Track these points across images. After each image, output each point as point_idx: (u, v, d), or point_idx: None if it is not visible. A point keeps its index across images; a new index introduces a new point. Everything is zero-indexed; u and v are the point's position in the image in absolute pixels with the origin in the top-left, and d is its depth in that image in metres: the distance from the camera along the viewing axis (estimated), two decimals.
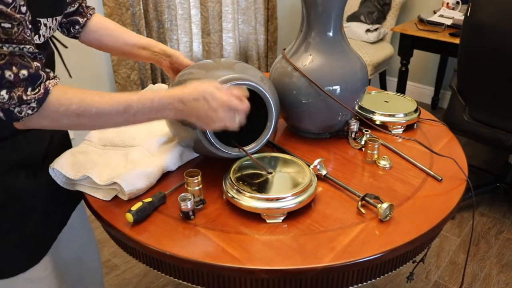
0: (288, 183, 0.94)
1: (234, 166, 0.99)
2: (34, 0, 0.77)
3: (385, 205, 0.89)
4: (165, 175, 1.03)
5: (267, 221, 0.90)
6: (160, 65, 1.14)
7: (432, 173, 1.05)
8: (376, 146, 1.09)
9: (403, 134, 1.25)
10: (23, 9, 0.71)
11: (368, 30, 3.00)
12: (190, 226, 0.89)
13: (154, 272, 1.93)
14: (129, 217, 0.88)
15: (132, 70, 2.65)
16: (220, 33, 3.10)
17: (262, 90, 0.95)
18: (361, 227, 0.89)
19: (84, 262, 1.18)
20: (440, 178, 1.04)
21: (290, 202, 0.90)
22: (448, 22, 2.54)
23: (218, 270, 0.81)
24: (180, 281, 0.88)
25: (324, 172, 1.02)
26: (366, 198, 0.94)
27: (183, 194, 0.90)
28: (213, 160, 1.07)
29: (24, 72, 0.72)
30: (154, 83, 2.80)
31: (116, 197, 0.97)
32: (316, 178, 0.98)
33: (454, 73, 2.09)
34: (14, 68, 0.71)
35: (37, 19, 0.82)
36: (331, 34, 1.11)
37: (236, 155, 0.99)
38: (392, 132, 1.25)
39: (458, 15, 2.59)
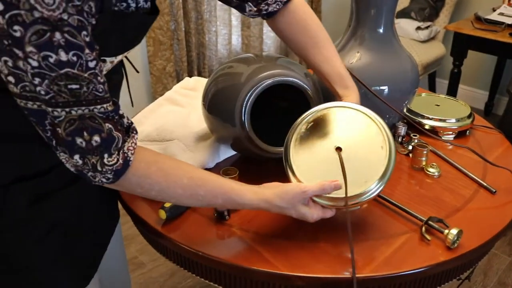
0: (365, 166, 0.85)
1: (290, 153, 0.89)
2: (103, 40, 0.71)
3: (454, 231, 0.84)
4: None
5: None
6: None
7: (485, 184, 1.03)
8: (425, 152, 1.07)
9: (454, 140, 1.22)
10: (92, 64, 0.65)
11: (418, 28, 2.94)
12: (224, 227, 0.90)
13: (182, 273, 1.96)
14: (162, 214, 0.89)
15: (168, 62, 2.69)
16: (261, 26, 3.11)
17: (307, 88, 0.95)
18: (404, 238, 0.88)
19: (114, 281, 1.18)
20: (494, 190, 1.01)
21: (376, 190, 0.84)
22: (509, 21, 2.47)
23: (252, 274, 0.82)
24: (211, 283, 0.89)
25: None
26: (429, 222, 0.89)
27: None
28: (251, 158, 1.08)
29: (96, 138, 0.69)
30: (190, 76, 2.83)
31: None
32: (393, 146, 0.87)
33: None
34: (85, 134, 0.68)
35: (102, 58, 0.76)
36: (381, 30, 1.10)
37: (277, 155, 0.99)
38: (443, 138, 1.22)
39: None
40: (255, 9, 1.00)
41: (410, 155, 1.11)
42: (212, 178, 0.81)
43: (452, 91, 2.77)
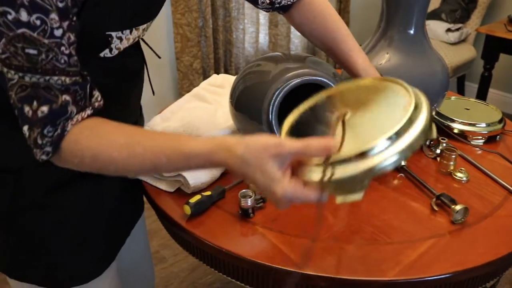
0: (371, 128, 0.65)
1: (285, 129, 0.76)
2: (102, 12, 0.70)
3: (459, 207, 0.89)
4: (226, 169, 1.05)
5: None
6: None
7: None
8: (453, 156, 1.06)
9: (484, 145, 1.20)
10: (58, 32, 0.62)
11: (449, 30, 2.90)
12: (248, 224, 0.90)
13: (202, 268, 1.98)
14: (187, 209, 0.90)
15: (195, 59, 2.71)
16: (289, 25, 3.10)
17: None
18: (431, 242, 0.86)
19: (138, 274, 1.20)
20: None
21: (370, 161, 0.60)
22: None
23: (274, 273, 0.82)
24: (232, 280, 0.90)
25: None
26: (442, 198, 0.94)
27: (244, 190, 0.92)
28: None
29: (44, 108, 0.64)
30: (217, 73, 2.85)
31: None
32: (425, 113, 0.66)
33: None
34: (34, 102, 0.64)
35: (107, 33, 0.74)
36: (412, 31, 1.09)
37: None
38: (472, 142, 1.20)
39: None
40: (267, 1, 0.99)
41: (438, 159, 1.10)
42: (157, 134, 0.71)
43: (482, 95, 2.72)
